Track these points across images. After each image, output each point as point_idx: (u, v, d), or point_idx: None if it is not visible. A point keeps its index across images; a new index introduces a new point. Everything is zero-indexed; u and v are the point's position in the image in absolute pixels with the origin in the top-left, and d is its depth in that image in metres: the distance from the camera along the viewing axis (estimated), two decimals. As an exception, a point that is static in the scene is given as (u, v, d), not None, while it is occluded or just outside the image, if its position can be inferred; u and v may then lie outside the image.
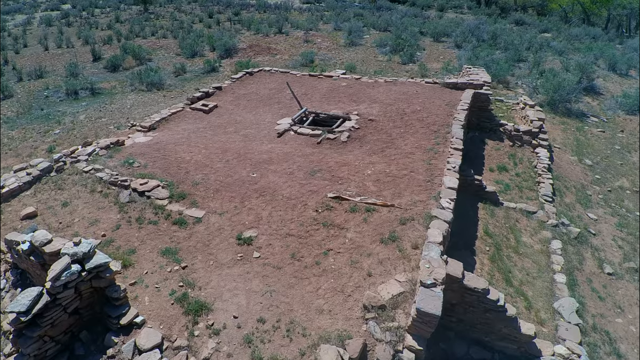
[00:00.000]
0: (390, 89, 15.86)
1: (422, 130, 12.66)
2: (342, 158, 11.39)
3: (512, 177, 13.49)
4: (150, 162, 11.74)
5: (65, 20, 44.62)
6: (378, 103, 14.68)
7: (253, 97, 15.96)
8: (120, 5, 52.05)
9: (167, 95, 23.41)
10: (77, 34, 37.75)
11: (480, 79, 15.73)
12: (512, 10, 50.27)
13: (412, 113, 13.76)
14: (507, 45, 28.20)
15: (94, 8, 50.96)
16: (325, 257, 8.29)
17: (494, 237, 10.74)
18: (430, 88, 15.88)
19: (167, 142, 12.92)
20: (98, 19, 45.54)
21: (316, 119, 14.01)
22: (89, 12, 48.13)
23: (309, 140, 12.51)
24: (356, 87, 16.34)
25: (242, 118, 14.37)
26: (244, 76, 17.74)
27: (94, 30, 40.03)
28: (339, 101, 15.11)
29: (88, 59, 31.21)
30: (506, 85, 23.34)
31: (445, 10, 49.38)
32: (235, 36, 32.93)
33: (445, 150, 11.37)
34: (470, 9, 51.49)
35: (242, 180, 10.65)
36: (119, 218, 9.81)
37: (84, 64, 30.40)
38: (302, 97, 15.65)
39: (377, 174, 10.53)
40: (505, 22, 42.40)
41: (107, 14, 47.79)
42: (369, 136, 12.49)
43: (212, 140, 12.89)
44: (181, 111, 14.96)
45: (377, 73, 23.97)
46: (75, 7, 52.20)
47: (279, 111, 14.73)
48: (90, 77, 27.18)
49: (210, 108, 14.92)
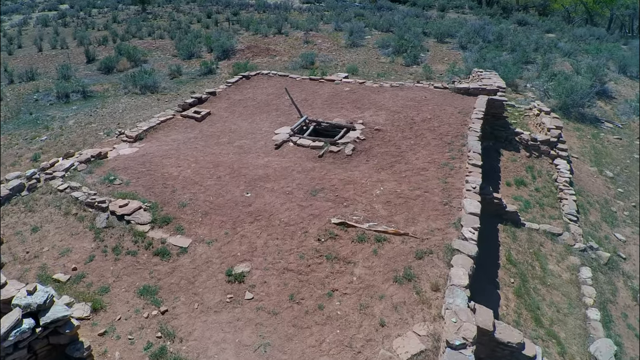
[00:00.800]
0: (397, 95, 14.46)
1: (435, 141, 11.27)
2: (346, 175, 10.00)
3: (532, 192, 12.11)
4: (133, 178, 10.36)
5: (62, 20, 43.13)
6: (384, 110, 13.29)
7: (249, 103, 14.56)
8: (118, 5, 50.51)
9: (161, 99, 21.98)
10: (73, 35, 36.28)
11: (494, 84, 14.33)
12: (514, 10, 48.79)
13: (422, 122, 12.37)
14: (513, 46, 26.77)
15: (92, 8, 49.43)
16: (329, 299, 6.92)
17: (518, 265, 9.37)
18: (440, 94, 14.48)
19: (154, 154, 11.53)
20: (95, 19, 44.03)
21: (317, 129, 12.62)
22: (86, 12, 46.62)
23: (309, 153, 11.12)
24: (360, 92, 14.94)
25: (237, 127, 12.97)
26: (240, 80, 16.33)
27: (90, 31, 38.55)
28: (341, 108, 13.71)
29: (82, 60, 29.77)
30: (515, 88, 21.92)
31: (446, 10, 47.90)
32: (234, 37, 31.47)
33: (462, 166, 9.98)
34: (472, 9, 50.01)
35: (234, 201, 9.26)
36: (94, 247, 8.43)
37: (78, 65, 28.96)
38: (302, 103, 14.25)
39: (386, 195, 9.14)
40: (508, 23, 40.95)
41: (104, 14, 46.29)
42: (376, 149, 11.10)
43: (203, 152, 11.50)
44: (171, 119, 13.56)
45: (380, 75, 22.55)
46: (73, 7, 50.67)
47: (277, 119, 13.34)
48: (82, 79, 25.74)
49: (203, 115, 13.52)
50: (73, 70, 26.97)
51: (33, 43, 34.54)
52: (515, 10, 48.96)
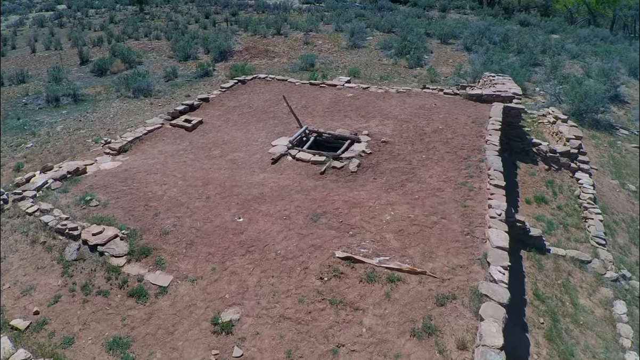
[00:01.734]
0: (404, 102, 13.16)
1: (449, 156, 9.97)
2: (352, 195, 8.71)
3: (554, 211, 10.82)
4: (112, 198, 9.05)
5: (58, 21, 41.71)
6: (391, 119, 11.99)
7: (245, 111, 13.25)
8: (116, 5, 49.08)
9: (154, 103, 20.66)
10: (68, 35, 34.89)
11: (509, 90, 13.02)
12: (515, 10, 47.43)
13: (433, 133, 11.07)
14: (520, 48, 25.43)
15: (89, 8, 47.98)
16: (334, 358, 5.64)
17: (546, 301, 8.08)
18: (450, 100, 13.17)
19: (138, 169, 10.23)
20: (92, 19, 42.61)
21: (318, 140, 11.32)
22: (83, 13, 45.19)
23: (310, 168, 9.82)
24: (364, 98, 13.62)
25: (231, 137, 11.67)
26: (236, 85, 15.00)
27: (87, 31, 37.15)
28: (344, 116, 12.41)
29: (75, 62, 28.40)
30: (524, 92, 20.57)
31: (447, 11, 46.53)
32: (232, 38, 30.10)
33: (482, 187, 8.68)
34: (473, 10, 48.63)
35: (224, 228, 7.97)
36: (61, 285, 7.14)
37: (71, 67, 27.60)
38: (302, 110, 12.94)
39: (398, 221, 7.85)
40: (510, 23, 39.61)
41: (101, 14, 44.86)
42: (384, 164, 9.79)
43: (192, 167, 10.20)
44: (159, 128, 12.24)
45: (383, 78, 21.22)
46: (71, 7, 49.23)
47: (275, 128, 12.03)
48: (74, 82, 24.39)
49: (194, 125, 12.21)
50: (65, 72, 25.62)
51: (27, 44, 33.17)
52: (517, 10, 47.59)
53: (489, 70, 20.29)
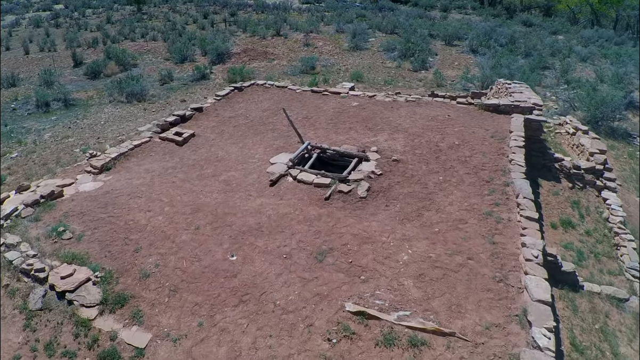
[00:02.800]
0: (414, 112, 11.90)
1: (469, 178, 8.73)
2: (361, 227, 7.47)
3: (582, 237, 9.59)
4: (89, 229, 7.82)
5: (55, 21, 40.30)
6: (402, 132, 10.73)
7: (241, 122, 11.98)
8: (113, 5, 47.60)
9: (147, 109, 19.38)
10: (64, 36, 33.50)
11: (528, 100, 11.77)
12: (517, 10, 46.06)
13: (449, 149, 9.82)
14: (527, 50, 24.13)
15: (86, 8, 46.53)
16: None
17: (585, 352, 6.87)
18: (464, 111, 11.91)
19: (121, 191, 8.98)
20: (89, 19, 41.20)
21: (322, 157, 10.06)
22: (80, 13, 43.74)
23: (313, 192, 8.57)
24: (370, 107, 12.36)
25: (225, 153, 10.41)
26: (232, 93, 13.71)
27: (83, 32, 35.76)
28: (350, 129, 11.15)
29: (69, 64, 27.07)
30: (534, 97, 19.35)
31: (449, 11, 45.15)
32: (230, 39, 28.77)
33: (511, 218, 7.45)
34: (475, 9, 47.27)
35: (214, 269, 6.73)
36: (21, 342, 5.91)
37: (64, 69, 26.28)
38: (303, 122, 11.69)
39: (417, 262, 6.62)
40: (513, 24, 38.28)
41: (99, 14, 43.43)
42: (397, 188, 8.55)
43: (181, 189, 8.95)
44: (147, 142, 10.97)
45: (387, 83, 19.94)
46: (68, 7, 47.76)
47: (274, 142, 10.77)
48: (66, 85, 23.07)
49: (185, 138, 10.95)
50: (57, 75, 24.31)
51: (21, 45, 31.79)
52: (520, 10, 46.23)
53: (499, 75, 19.03)
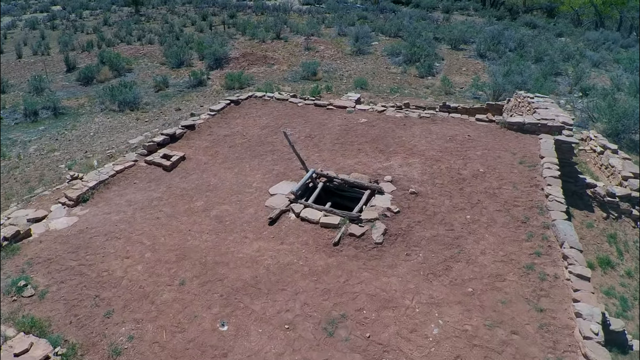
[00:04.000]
0: (429, 131, 10.48)
1: (501, 217, 7.33)
2: (379, 285, 6.07)
3: (624, 279, 8.20)
4: (55, 282, 6.42)
5: (51, 23, 38.70)
6: (418, 156, 9.32)
7: (237, 142, 10.55)
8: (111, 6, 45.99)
9: (140, 118, 17.94)
10: (59, 39, 31.94)
11: (556, 117, 10.35)
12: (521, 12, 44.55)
13: (473, 179, 8.41)
14: (538, 55, 22.68)
15: (84, 10, 44.90)
16: None
17: None
18: (485, 130, 10.49)
19: (97, 230, 7.58)
20: (86, 21, 39.61)
21: (328, 187, 8.65)
22: (77, 14, 42.13)
23: (319, 234, 7.16)
24: (380, 125, 10.94)
25: (219, 180, 8.99)
26: (228, 107, 12.25)
27: (79, 34, 34.22)
28: (359, 151, 9.73)
29: (62, 68, 25.57)
30: (548, 106, 17.93)
31: (451, 12, 43.62)
32: (228, 42, 27.27)
33: (557, 274, 6.05)
34: (477, 11, 45.75)
35: (201, 344, 5.33)
36: None
37: (56, 74, 24.78)
38: (306, 141, 10.27)
39: (451, 339, 5.22)
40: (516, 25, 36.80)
41: (96, 16, 41.83)
42: (418, 230, 7.14)
43: (166, 227, 7.54)
44: (132, 167, 9.54)
45: (393, 91, 18.50)
46: (65, 9, 46.13)
47: (274, 167, 9.36)
48: (57, 92, 21.61)
49: (174, 162, 9.52)
50: (48, 81, 22.83)
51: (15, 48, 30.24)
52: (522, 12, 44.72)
53: (512, 83, 17.61)
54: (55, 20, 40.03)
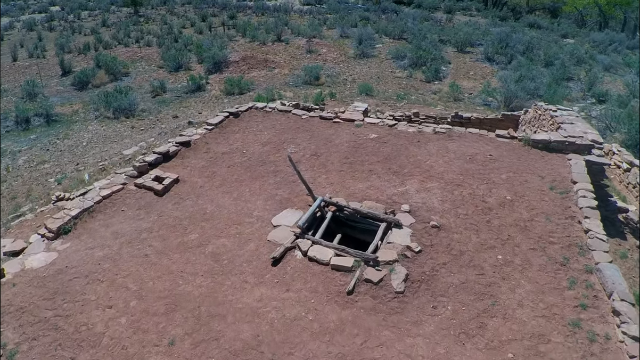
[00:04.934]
0: (446, 148, 9.45)
1: (536, 257, 6.33)
2: (403, 349, 5.07)
3: (672, 320, 7.22)
4: (26, 340, 5.44)
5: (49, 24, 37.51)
6: (436, 179, 8.31)
7: (237, 160, 9.53)
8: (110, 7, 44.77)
9: (136, 127, 16.91)
10: (56, 41, 30.80)
11: (584, 135, 9.34)
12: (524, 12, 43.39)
13: (500, 208, 7.41)
14: (548, 58, 21.61)
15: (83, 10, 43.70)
16: None
17: None
18: (507, 147, 9.47)
19: (77, 270, 6.58)
20: (84, 22, 38.44)
21: (339, 217, 7.65)
22: (75, 15, 40.94)
23: (329, 278, 6.16)
24: (392, 141, 9.91)
25: (216, 207, 7.99)
26: (226, 120, 11.21)
27: (77, 36, 33.08)
28: (370, 172, 8.72)
29: (57, 72, 24.48)
30: (561, 113, 16.92)
31: (453, 13, 42.47)
32: (228, 45, 26.17)
33: (608, 333, 5.05)
34: (479, 11, 44.59)
35: None
36: None
37: (51, 78, 23.71)
38: (312, 160, 9.26)
39: None
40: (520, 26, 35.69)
41: (94, 16, 40.65)
42: (444, 274, 6.14)
43: (155, 267, 6.54)
44: (120, 190, 8.52)
45: (400, 97, 17.45)
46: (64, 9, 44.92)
47: (277, 191, 8.35)
48: (50, 98, 20.55)
49: (166, 185, 8.50)
50: (42, 86, 21.76)
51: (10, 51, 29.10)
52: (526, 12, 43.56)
53: (524, 89, 16.57)
54: (53, 21, 38.86)
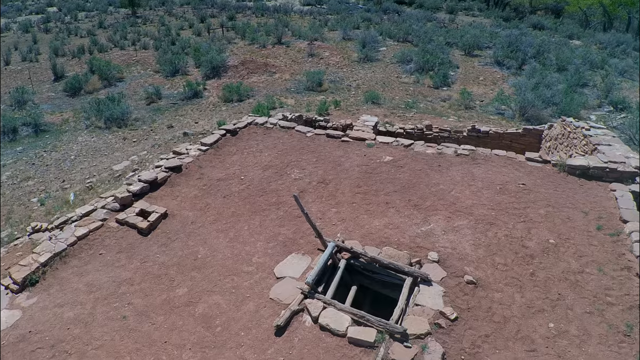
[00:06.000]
0: (472, 175, 8.17)
1: (594, 324, 5.07)
2: None
3: None
4: None
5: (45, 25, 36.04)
6: (464, 215, 7.03)
7: (234, 189, 8.23)
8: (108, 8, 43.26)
9: (128, 138, 15.59)
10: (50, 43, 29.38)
11: (627, 160, 8.05)
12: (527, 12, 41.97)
13: (544, 255, 6.14)
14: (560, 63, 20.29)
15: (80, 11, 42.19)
16: None
17: None
18: (540, 174, 8.19)
19: (43, 338, 5.31)
20: (81, 23, 36.96)
21: (353, 265, 6.37)
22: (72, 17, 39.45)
23: (347, 357, 4.89)
24: (409, 165, 8.62)
25: (209, 250, 6.70)
26: (222, 139, 9.89)
27: (72, 38, 31.65)
28: (387, 204, 7.45)
29: (49, 77, 23.12)
30: (579, 122, 15.64)
31: (455, 13, 41.05)
32: (227, 48, 24.81)
33: None
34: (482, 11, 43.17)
35: None
36: None
37: (43, 84, 22.35)
38: (320, 190, 7.98)
39: None
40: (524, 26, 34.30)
41: (91, 18, 39.17)
42: (487, 351, 4.86)
43: (134, 337, 5.27)
44: (99, 228, 7.23)
45: (409, 106, 16.14)
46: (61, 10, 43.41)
47: (279, 229, 7.07)
48: (40, 106, 19.23)
49: (153, 222, 7.20)
50: (32, 92, 20.39)
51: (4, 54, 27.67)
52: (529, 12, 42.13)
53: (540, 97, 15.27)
54: (49, 22, 37.37)
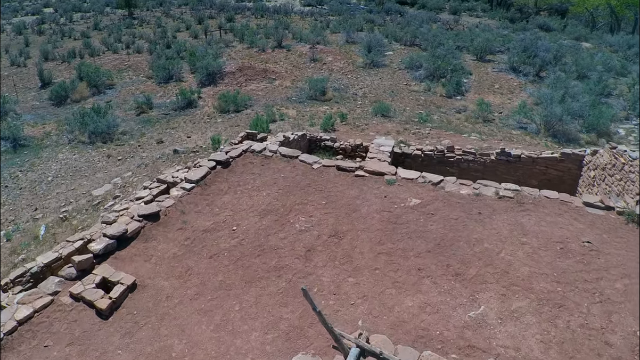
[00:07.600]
0: (522, 228, 6.30)
1: None
2: None
3: None
4: None
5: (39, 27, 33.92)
6: (522, 291, 5.17)
7: (223, 246, 6.35)
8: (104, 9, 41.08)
9: (112, 155, 13.68)
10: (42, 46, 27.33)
11: None
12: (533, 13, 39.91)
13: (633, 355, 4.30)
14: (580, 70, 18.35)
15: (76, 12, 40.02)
16: None
17: None
18: (605, 225, 6.31)
19: None
20: (76, 25, 34.83)
21: (382, 375, 4.51)
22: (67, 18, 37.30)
23: None
24: (442, 212, 6.74)
25: (185, 346, 4.81)
26: (212, 173, 7.97)
27: (66, 40, 29.58)
28: (419, 271, 5.59)
29: (36, 83, 21.13)
30: (609, 138, 13.78)
31: (459, 13, 38.98)
32: (224, 52, 22.81)
33: None
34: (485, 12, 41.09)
35: None
36: None
37: (28, 91, 20.36)
38: (331, 246, 6.11)
39: None
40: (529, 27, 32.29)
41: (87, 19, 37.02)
42: None
43: None
44: (48, 307, 5.35)
45: (422, 120, 14.22)
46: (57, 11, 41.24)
47: (281, 312, 5.20)
48: (23, 116, 17.30)
49: (116, 299, 5.32)
50: (15, 101, 18.42)
51: (-8, 57, 25.67)
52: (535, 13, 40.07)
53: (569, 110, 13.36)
54: (44, 24, 35.24)
